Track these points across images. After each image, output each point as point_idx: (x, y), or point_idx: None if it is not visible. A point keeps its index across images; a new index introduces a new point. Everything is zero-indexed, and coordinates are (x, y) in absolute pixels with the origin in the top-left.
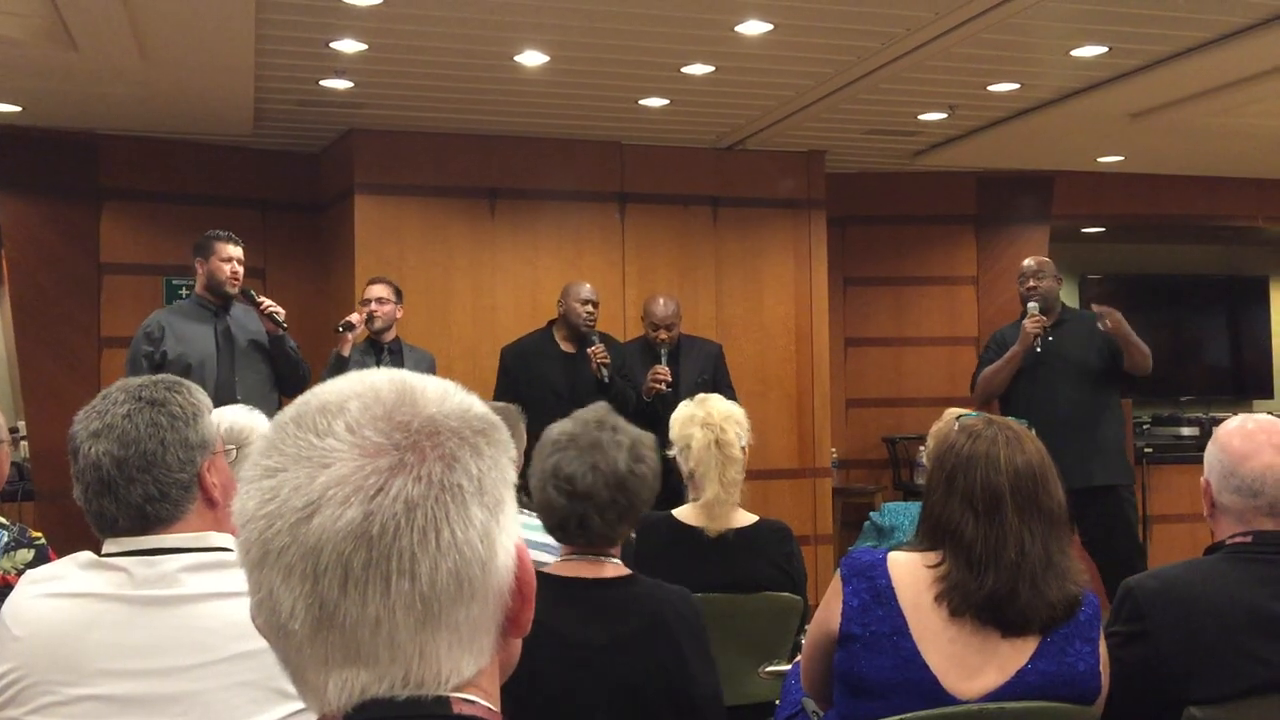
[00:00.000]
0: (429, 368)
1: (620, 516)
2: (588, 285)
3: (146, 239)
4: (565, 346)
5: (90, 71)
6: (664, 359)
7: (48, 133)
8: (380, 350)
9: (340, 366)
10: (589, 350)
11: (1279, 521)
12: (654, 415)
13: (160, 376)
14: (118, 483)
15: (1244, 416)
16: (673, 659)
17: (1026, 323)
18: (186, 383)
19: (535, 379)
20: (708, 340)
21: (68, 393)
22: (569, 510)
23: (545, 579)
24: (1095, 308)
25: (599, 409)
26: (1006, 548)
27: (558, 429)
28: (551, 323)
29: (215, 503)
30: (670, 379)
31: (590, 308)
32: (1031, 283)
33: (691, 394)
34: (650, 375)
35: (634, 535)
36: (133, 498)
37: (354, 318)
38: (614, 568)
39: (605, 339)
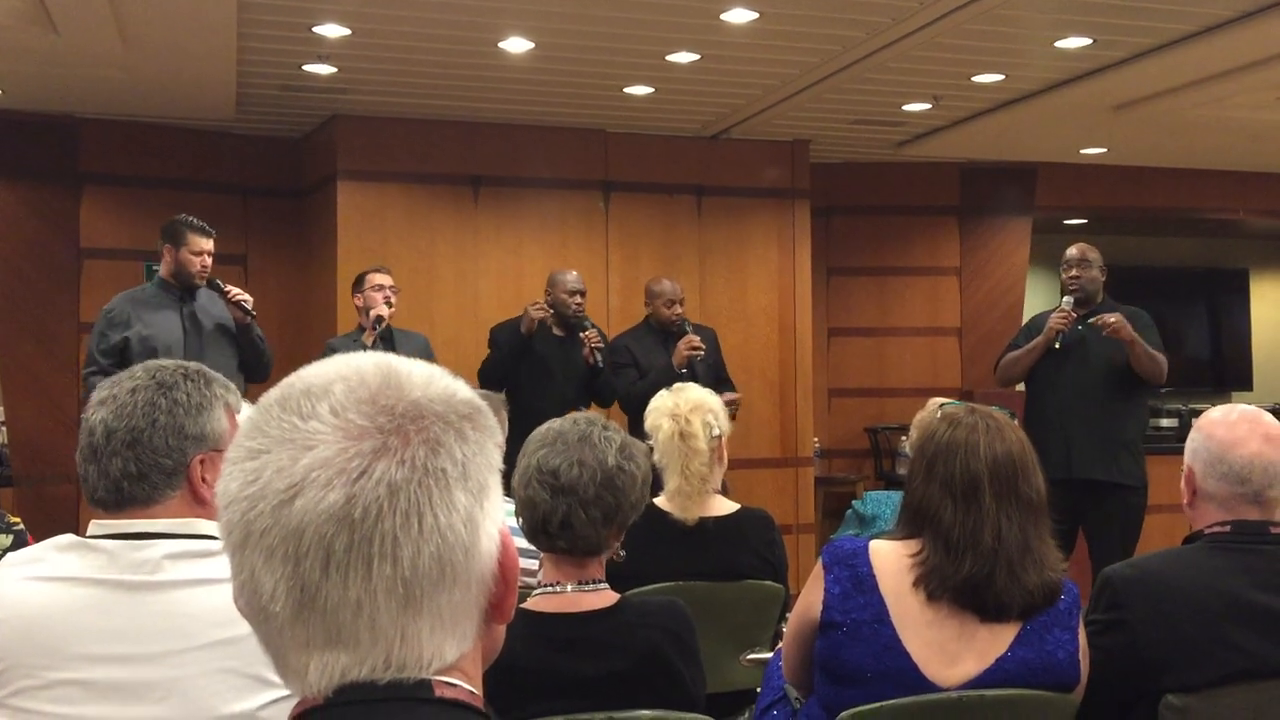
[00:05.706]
0: (423, 351)
1: (605, 516)
2: (573, 274)
3: (127, 224)
4: (555, 330)
5: (71, 55)
6: (690, 330)
7: (28, 116)
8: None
9: None
10: (583, 335)
11: (1263, 510)
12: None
13: (195, 365)
14: (102, 452)
15: (1228, 406)
16: (672, 687)
17: (1053, 316)
18: (216, 376)
19: (527, 360)
20: (704, 325)
21: (46, 378)
22: (551, 507)
23: (522, 616)
24: (1094, 320)
25: (590, 414)
26: (984, 533)
27: (545, 426)
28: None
29: (204, 501)
30: (704, 346)
31: (579, 298)
32: (1074, 272)
33: (707, 376)
34: (685, 345)
35: (623, 553)
36: (111, 470)
37: (383, 310)
38: (596, 596)
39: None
